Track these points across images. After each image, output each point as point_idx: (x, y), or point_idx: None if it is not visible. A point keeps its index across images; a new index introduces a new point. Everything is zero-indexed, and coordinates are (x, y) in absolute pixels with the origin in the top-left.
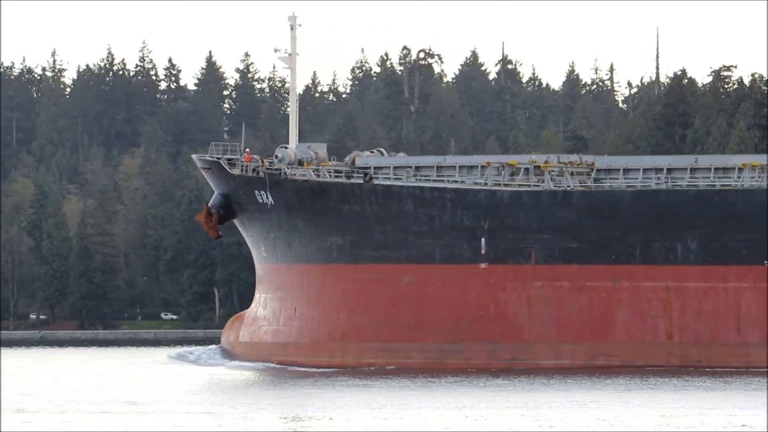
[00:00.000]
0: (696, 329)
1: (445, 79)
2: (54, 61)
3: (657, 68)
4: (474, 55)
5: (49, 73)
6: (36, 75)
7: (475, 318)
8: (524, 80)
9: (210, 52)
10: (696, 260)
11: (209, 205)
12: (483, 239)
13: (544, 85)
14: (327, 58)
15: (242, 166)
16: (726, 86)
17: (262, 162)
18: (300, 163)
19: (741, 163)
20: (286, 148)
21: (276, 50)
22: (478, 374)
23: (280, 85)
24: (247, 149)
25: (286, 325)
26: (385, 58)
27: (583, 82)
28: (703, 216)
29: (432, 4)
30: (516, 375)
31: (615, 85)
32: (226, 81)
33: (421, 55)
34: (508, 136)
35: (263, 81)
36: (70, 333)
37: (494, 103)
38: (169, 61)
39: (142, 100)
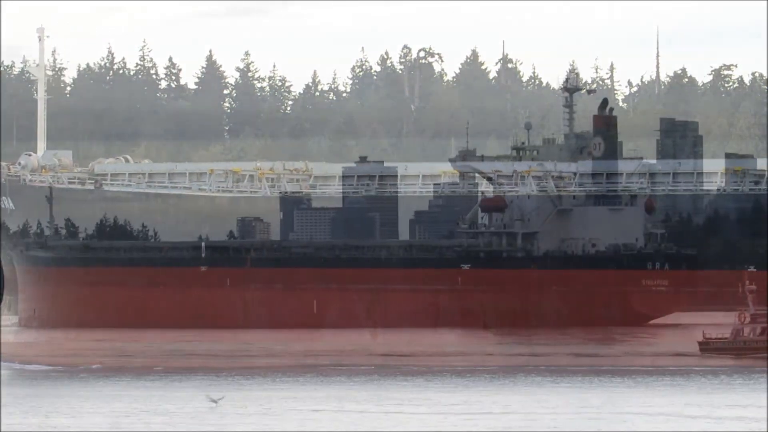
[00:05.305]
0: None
1: (445, 78)
2: (54, 60)
3: (657, 67)
4: (474, 54)
5: (49, 72)
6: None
7: (196, 317)
8: (524, 79)
9: (210, 52)
10: (399, 264)
11: None
12: (203, 244)
13: (544, 84)
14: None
15: None
16: (726, 85)
17: (9, 168)
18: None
19: (441, 171)
20: (30, 155)
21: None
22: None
23: (280, 84)
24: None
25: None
26: (385, 57)
27: (583, 81)
28: (403, 221)
29: (432, 4)
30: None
31: (615, 84)
32: (226, 80)
33: (422, 54)
34: (509, 135)
35: (263, 80)
36: None
37: (494, 103)
38: (170, 60)
39: (143, 99)
